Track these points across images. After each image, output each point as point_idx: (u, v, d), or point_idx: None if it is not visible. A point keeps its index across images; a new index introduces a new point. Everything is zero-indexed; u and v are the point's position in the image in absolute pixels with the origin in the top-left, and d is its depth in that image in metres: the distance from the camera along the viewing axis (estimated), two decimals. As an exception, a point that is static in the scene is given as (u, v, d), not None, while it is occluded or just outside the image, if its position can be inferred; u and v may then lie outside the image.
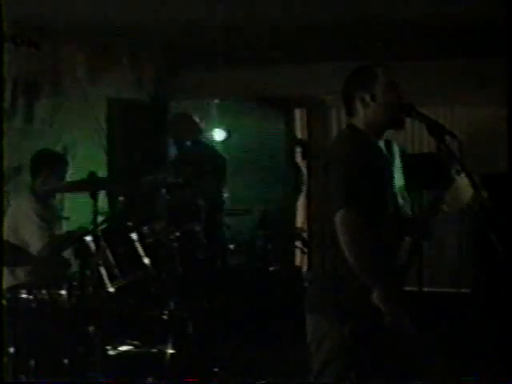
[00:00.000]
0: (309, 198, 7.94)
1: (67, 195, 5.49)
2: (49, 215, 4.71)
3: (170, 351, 4.13)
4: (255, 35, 6.35)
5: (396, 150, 4.90)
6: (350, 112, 3.12)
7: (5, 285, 4.01)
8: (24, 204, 4.62)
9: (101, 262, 4.22)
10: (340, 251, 2.92)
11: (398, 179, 4.84)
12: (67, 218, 5.11)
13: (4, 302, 3.89)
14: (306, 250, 7.38)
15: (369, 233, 2.89)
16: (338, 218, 2.89)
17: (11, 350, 3.85)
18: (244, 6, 5.29)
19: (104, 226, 4.45)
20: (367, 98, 3.05)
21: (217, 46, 6.80)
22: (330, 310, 3.00)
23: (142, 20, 5.75)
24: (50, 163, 4.74)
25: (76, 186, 4.66)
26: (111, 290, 4.21)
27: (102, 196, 5.02)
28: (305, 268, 7.46)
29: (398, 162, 4.87)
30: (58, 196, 5.11)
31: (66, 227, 4.95)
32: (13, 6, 3.64)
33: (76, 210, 5.32)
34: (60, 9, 5.27)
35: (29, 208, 4.58)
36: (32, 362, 3.89)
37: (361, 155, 2.99)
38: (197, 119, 6.20)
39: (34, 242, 4.51)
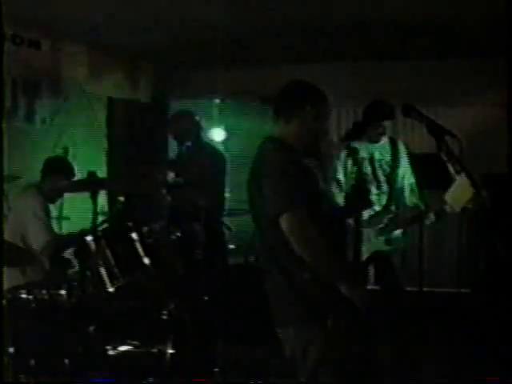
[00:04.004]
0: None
1: (67, 195, 5.49)
2: (54, 214, 4.76)
3: (170, 351, 4.12)
4: (255, 35, 6.35)
5: (401, 147, 4.95)
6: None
7: (11, 284, 4.03)
8: (32, 202, 4.65)
9: (101, 262, 4.22)
10: (291, 258, 2.95)
11: (408, 176, 4.89)
12: (67, 218, 5.12)
13: (4, 301, 3.89)
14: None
15: (316, 230, 2.94)
16: (285, 221, 2.94)
17: (11, 350, 3.85)
18: (244, 5, 5.30)
19: (104, 226, 4.45)
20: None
21: (217, 45, 6.81)
22: (307, 316, 3.02)
23: (142, 20, 5.76)
24: (60, 172, 4.82)
25: (76, 186, 4.67)
26: (111, 289, 4.21)
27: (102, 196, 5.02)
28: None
29: (404, 160, 4.91)
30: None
31: (66, 227, 4.97)
32: (13, 6, 3.64)
33: (76, 210, 5.33)
34: (60, 9, 5.28)
35: (37, 206, 4.62)
36: (32, 362, 3.90)
37: (289, 160, 3.07)
38: (197, 118, 6.19)
39: (39, 240, 4.55)
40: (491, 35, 5.84)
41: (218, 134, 7.63)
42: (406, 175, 4.89)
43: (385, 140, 4.88)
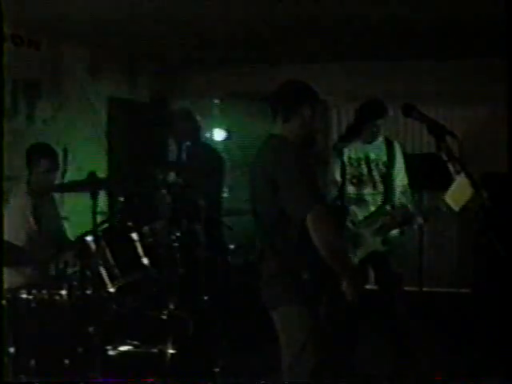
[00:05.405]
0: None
1: (67, 195, 5.48)
2: (45, 214, 4.70)
3: (170, 351, 4.12)
4: (255, 35, 6.35)
5: (397, 147, 4.95)
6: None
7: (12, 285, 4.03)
8: (21, 204, 4.60)
9: (101, 261, 4.22)
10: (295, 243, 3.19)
11: (401, 177, 4.90)
12: (67, 218, 5.10)
13: (4, 301, 3.89)
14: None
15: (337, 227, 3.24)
16: (311, 219, 3.09)
17: (11, 350, 3.85)
18: (244, 5, 5.30)
19: (104, 226, 4.45)
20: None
21: (217, 46, 6.81)
22: (297, 299, 3.22)
23: (141, 20, 5.75)
24: (39, 154, 4.64)
25: (76, 186, 4.65)
26: (111, 289, 4.21)
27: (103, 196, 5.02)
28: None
29: (399, 160, 4.91)
30: (57, 195, 5.08)
31: (66, 227, 4.95)
32: (13, 5, 3.64)
33: (76, 210, 5.33)
34: (60, 9, 5.27)
35: (26, 209, 4.57)
36: (32, 362, 3.90)
37: (303, 159, 3.23)
38: (197, 117, 6.20)
39: (29, 245, 4.51)
40: (491, 35, 5.84)
41: (218, 134, 7.64)
42: (399, 175, 4.88)
43: (380, 140, 4.86)
